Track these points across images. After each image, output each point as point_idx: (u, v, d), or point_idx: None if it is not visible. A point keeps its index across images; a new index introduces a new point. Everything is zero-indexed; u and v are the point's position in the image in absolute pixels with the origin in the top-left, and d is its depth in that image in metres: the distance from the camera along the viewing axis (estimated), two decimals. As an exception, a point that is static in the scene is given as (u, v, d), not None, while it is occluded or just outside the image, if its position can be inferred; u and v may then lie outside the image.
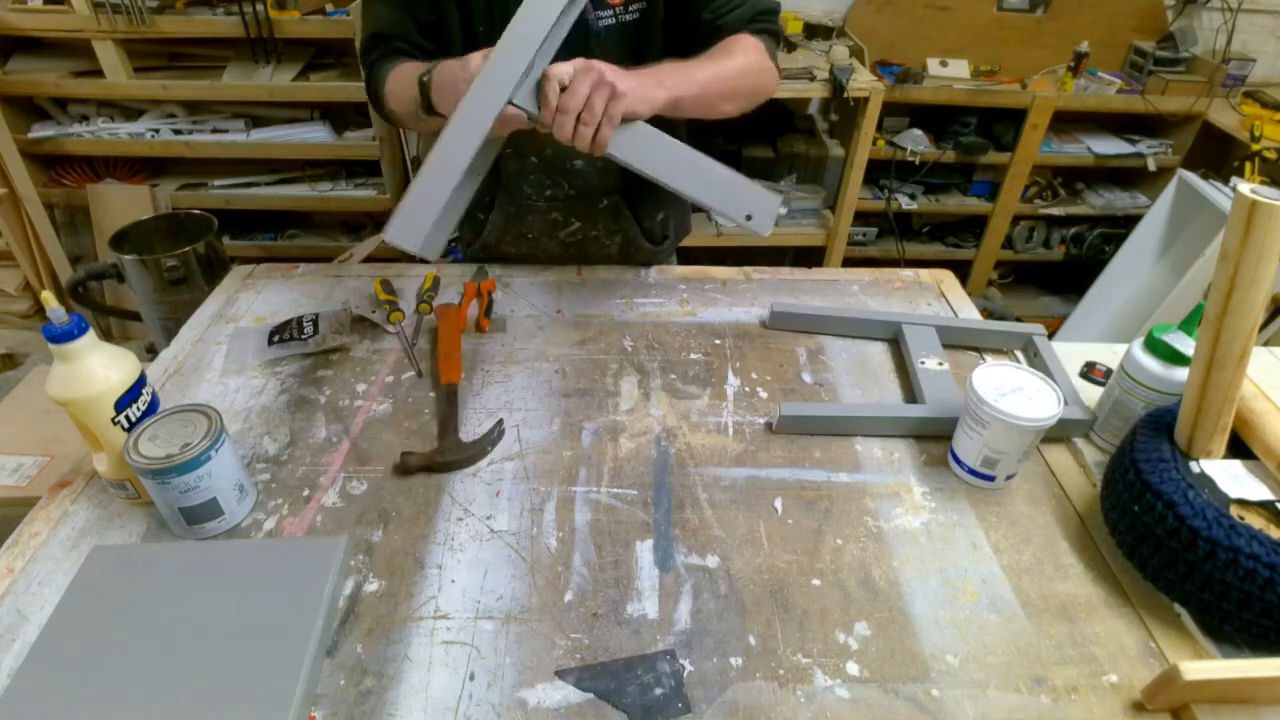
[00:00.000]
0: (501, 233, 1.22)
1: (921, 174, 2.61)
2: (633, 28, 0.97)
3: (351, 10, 2.14)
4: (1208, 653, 0.68)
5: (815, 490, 0.84)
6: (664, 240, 1.28)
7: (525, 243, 1.22)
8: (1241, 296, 0.64)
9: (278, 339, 1.02)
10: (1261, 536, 0.63)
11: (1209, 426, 0.71)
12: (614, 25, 0.95)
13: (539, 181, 1.14)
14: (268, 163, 2.45)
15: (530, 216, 1.19)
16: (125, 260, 1.84)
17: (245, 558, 0.71)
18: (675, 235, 1.31)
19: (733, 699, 0.63)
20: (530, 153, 1.11)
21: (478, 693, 0.63)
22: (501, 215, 1.20)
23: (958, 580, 0.74)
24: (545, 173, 1.13)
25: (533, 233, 1.21)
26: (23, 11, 2.07)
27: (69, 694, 0.59)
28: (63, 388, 0.71)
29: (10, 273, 2.51)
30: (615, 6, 0.93)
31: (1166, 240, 2.46)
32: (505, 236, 1.22)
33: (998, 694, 0.64)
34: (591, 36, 0.96)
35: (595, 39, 0.96)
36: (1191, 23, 2.54)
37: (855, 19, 2.55)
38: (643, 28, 0.98)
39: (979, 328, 1.07)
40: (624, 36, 0.98)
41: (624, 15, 0.95)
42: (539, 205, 1.17)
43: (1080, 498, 0.83)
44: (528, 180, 1.15)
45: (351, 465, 0.85)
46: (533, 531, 0.78)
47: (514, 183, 1.15)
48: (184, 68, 2.29)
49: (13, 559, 0.73)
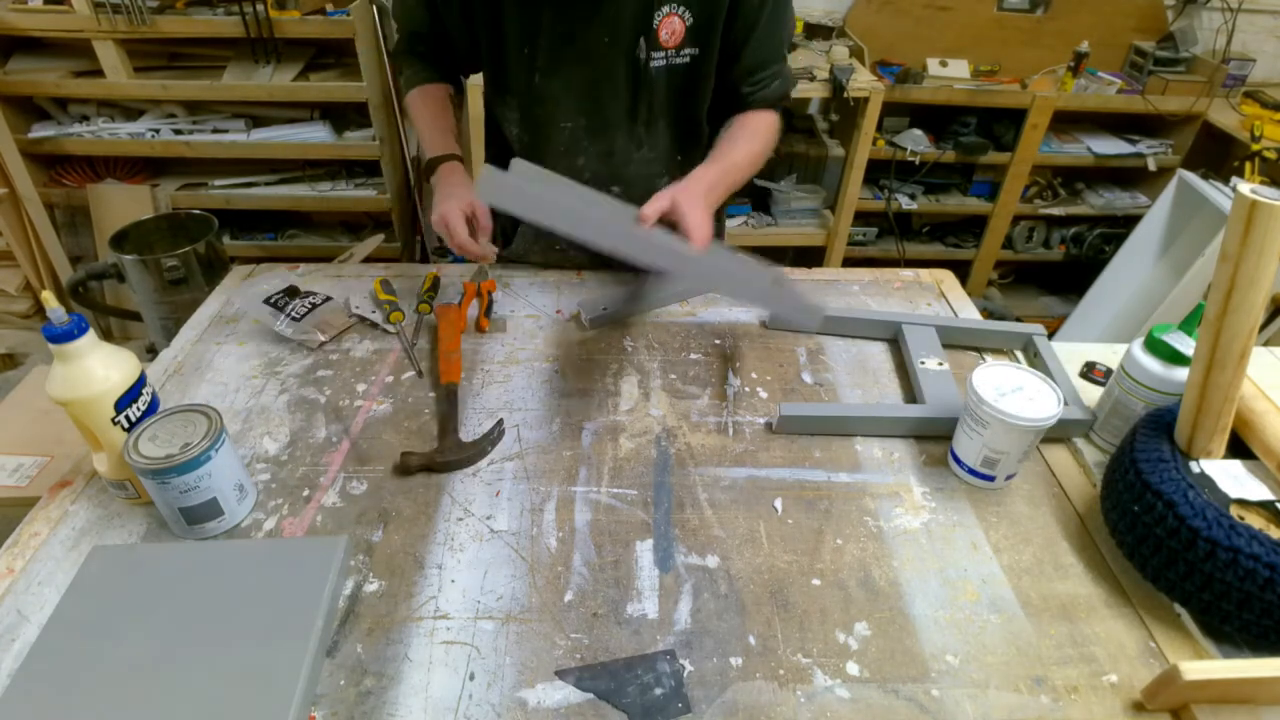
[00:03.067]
0: (531, 243, 1.22)
1: (921, 174, 2.61)
2: (683, 70, 1.02)
3: (352, 10, 2.14)
4: (1208, 653, 0.68)
5: (815, 490, 0.84)
6: None
7: (554, 253, 1.21)
8: (1241, 296, 0.64)
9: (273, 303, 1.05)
10: (1261, 536, 0.63)
11: (1209, 426, 0.71)
12: (664, 66, 1.00)
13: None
14: (268, 163, 2.45)
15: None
16: (125, 260, 1.84)
17: (245, 558, 0.71)
18: None
19: (733, 699, 0.63)
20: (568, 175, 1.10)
21: (478, 693, 0.63)
22: (531, 229, 1.20)
23: (958, 580, 0.74)
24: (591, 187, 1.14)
25: (561, 244, 1.20)
26: (23, 11, 2.07)
27: (69, 694, 0.59)
28: (63, 388, 0.71)
29: (10, 273, 2.51)
30: (668, 50, 0.98)
31: (1166, 240, 2.46)
32: (534, 246, 1.22)
33: (998, 694, 0.64)
34: (642, 74, 1.00)
35: (647, 78, 1.01)
36: (1191, 23, 2.54)
37: (855, 19, 2.55)
38: (693, 72, 1.02)
39: (979, 328, 1.07)
40: (673, 77, 1.02)
41: (675, 59, 1.00)
42: None
43: (1080, 498, 0.83)
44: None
45: (351, 465, 0.85)
46: (533, 531, 0.78)
47: None
48: (184, 68, 2.29)
49: (13, 559, 0.73)
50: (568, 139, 1.08)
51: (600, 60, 0.99)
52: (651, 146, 1.10)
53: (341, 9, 2.15)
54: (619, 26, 0.96)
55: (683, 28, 0.97)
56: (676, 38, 0.98)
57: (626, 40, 0.97)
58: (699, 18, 0.97)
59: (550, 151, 1.10)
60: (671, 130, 1.09)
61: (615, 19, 0.95)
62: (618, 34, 0.96)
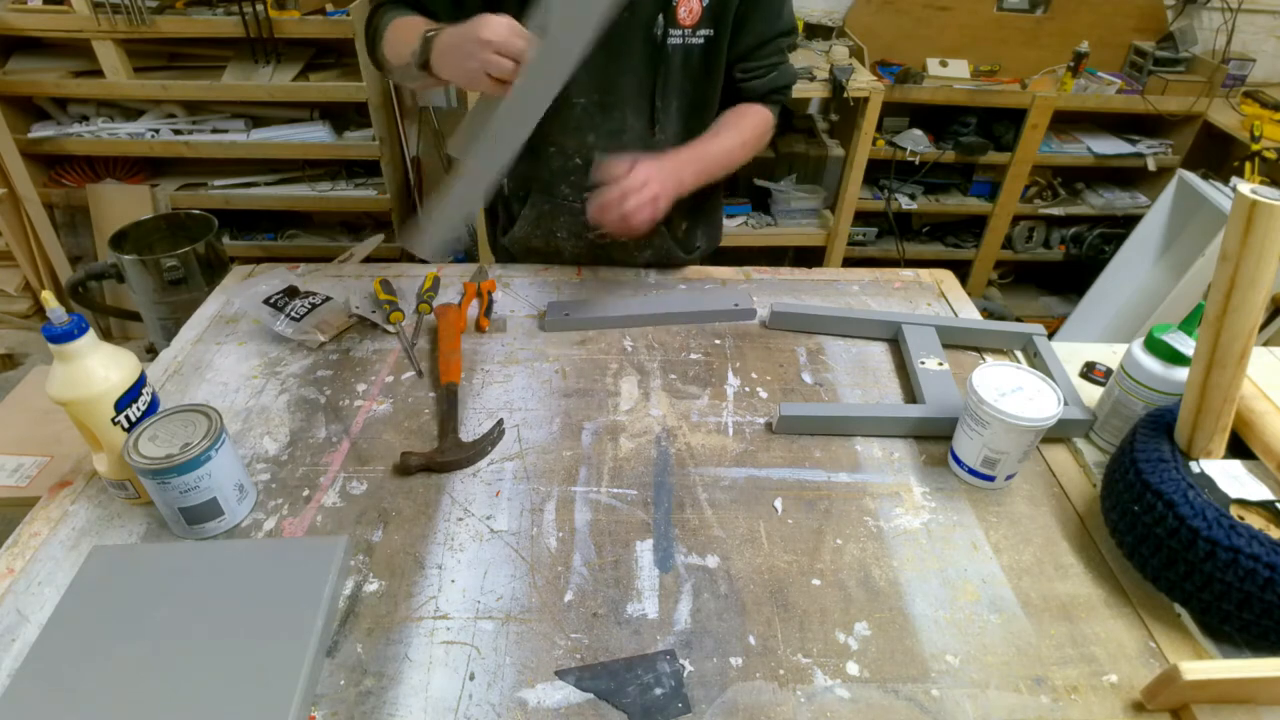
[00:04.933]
0: (532, 227, 1.22)
1: (921, 174, 2.61)
2: (699, 51, 1.02)
3: (352, 10, 2.14)
4: (1208, 653, 0.68)
5: (815, 490, 0.84)
6: (695, 250, 1.28)
7: (553, 239, 1.22)
8: (1241, 296, 0.64)
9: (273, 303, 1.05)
10: (1261, 536, 0.63)
11: (1209, 426, 0.71)
12: (680, 45, 1.01)
13: (579, 183, 1.14)
14: (268, 163, 2.45)
15: (563, 216, 1.19)
16: (125, 260, 1.84)
17: (245, 558, 0.71)
18: (706, 245, 1.31)
19: (733, 699, 0.63)
20: (576, 154, 1.11)
21: (478, 693, 0.63)
22: (534, 211, 1.20)
23: (958, 580, 0.74)
24: (588, 174, 1.13)
25: (562, 231, 1.20)
26: (23, 11, 2.07)
27: (69, 694, 0.59)
28: (63, 388, 0.71)
29: (10, 273, 2.51)
30: (685, 28, 0.99)
31: (1166, 240, 2.46)
32: (535, 231, 1.22)
33: (998, 694, 0.64)
34: (660, 52, 1.00)
35: (664, 55, 1.01)
36: (1191, 23, 2.54)
37: (855, 19, 2.55)
38: (708, 52, 1.03)
39: (979, 328, 1.07)
40: (689, 57, 1.03)
41: (691, 38, 1.00)
42: (575, 205, 1.16)
43: (1080, 498, 0.84)
44: (568, 180, 1.15)
45: (351, 465, 0.85)
46: (533, 531, 0.78)
47: (554, 180, 1.15)
48: (184, 68, 2.30)
49: (13, 559, 0.73)
50: (579, 115, 1.07)
51: (617, 34, 0.96)
52: (663, 128, 1.09)
53: (341, 9, 2.15)
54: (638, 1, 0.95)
55: (700, 7, 0.98)
56: (694, 16, 0.98)
57: (645, 15, 0.97)
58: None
59: (559, 128, 1.08)
60: (684, 113, 1.09)
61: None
62: (637, 8, 0.96)
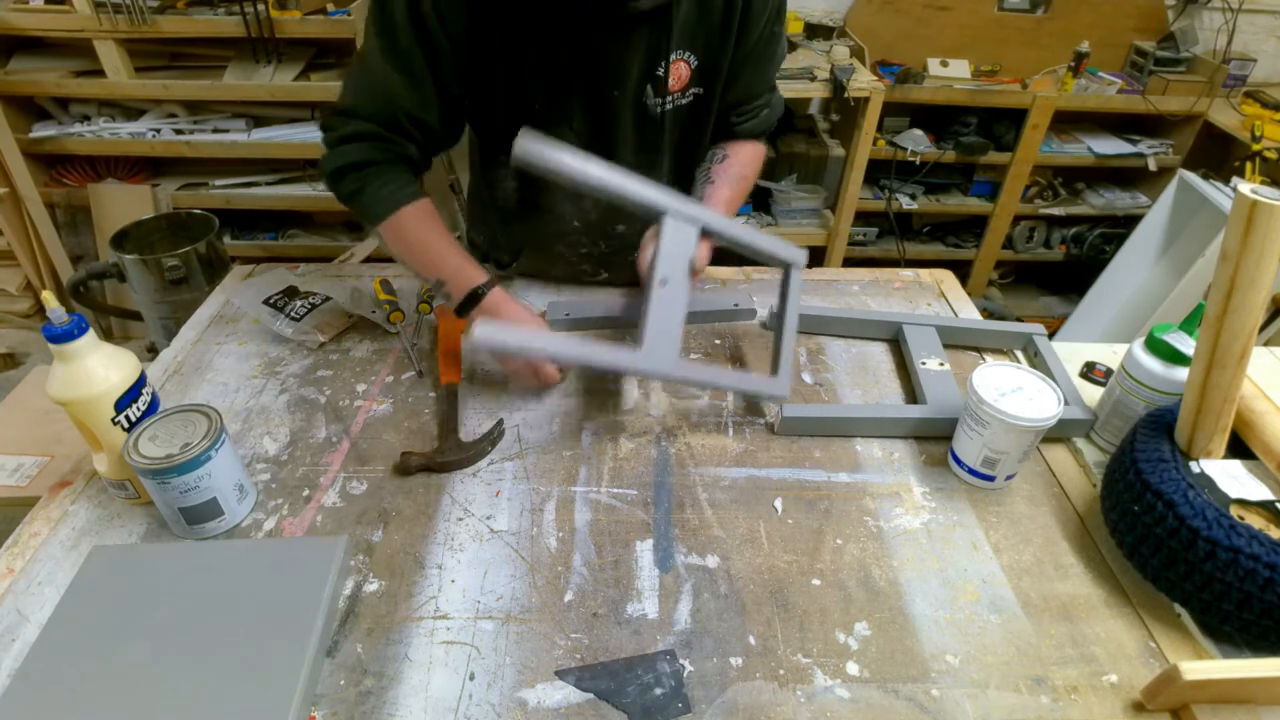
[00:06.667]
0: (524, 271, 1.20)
1: (922, 174, 2.61)
2: (688, 110, 1.02)
3: (353, 10, 2.14)
4: (1208, 653, 0.68)
5: (815, 490, 0.84)
6: None
7: (549, 280, 1.20)
8: (1241, 296, 0.64)
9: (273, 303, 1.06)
10: (1261, 536, 0.63)
11: (1209, 426, 0.71)
12: (671, 110, 1.00)
13: (576, 241, 1.13)
14: (268, 162, 2.45)
15: (558, 268, 1.18)
16: (126, 260, 1.85)
17: (245, 558, 0.71)
18: None
19: (733, 699, 0.63)
20: (574, 218, 1.10)
21: (478, 693, 0.63)
22: (527, 261, 1.18)
23: (958, 580, 0.74)
24: (585, 234, 1.12)
25: (559, 276, 1.19)
26: (24, 11, 2.07)
27: (69, 694, 0.59)
28: (63, 388, 0.71)
29: (11, 272, 2.51)
30: (673, 93, 0.98)
31: (1167, 240, 2.46)
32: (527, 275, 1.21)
33: (998, 694, 0.64)
34: (648, 120, 1.00)
35: (653, 122, 1.00)
36: (1192, 23, 2.54)
37: (855, 19, 2.55)
38: (698, 109, 1.02)
39: (979, 328, 1.07)
40: (680, 118, 1.02)
41: (680, 100, 1.00)
42: (570, 259, 1.16)
43: (1080, 498, 0.83)
44: (564, 240, 1.13)
45: (351, 465, 0.85)
46: (533, 531, 0.78)
47: (548, 243, 1.14)
48: (185, 68, 2.29)
49: (13, 559, 0.73)
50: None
51: (609, 111, 0.97)
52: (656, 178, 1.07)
53: (342, 9, 2.15)
54: (626, 80, 0.94)
55: (688, 71, 0.97)
56: (682, 81, 0.97)
57: (633, 91, 0.96)
58: (704, 60, 0.96)
59: (555, 196, 1.07)
60: (675, 160, 1.08)
61: (624, 74, 0.94)
62: (625, 86, 0.95)
